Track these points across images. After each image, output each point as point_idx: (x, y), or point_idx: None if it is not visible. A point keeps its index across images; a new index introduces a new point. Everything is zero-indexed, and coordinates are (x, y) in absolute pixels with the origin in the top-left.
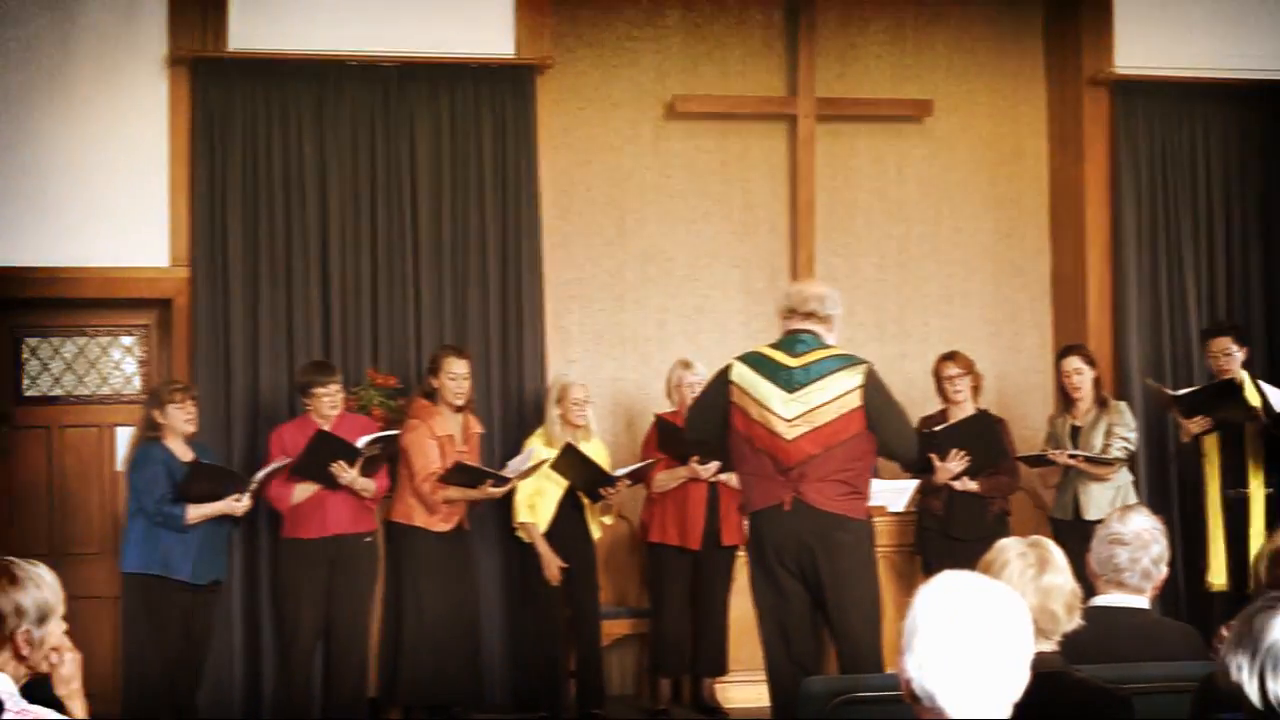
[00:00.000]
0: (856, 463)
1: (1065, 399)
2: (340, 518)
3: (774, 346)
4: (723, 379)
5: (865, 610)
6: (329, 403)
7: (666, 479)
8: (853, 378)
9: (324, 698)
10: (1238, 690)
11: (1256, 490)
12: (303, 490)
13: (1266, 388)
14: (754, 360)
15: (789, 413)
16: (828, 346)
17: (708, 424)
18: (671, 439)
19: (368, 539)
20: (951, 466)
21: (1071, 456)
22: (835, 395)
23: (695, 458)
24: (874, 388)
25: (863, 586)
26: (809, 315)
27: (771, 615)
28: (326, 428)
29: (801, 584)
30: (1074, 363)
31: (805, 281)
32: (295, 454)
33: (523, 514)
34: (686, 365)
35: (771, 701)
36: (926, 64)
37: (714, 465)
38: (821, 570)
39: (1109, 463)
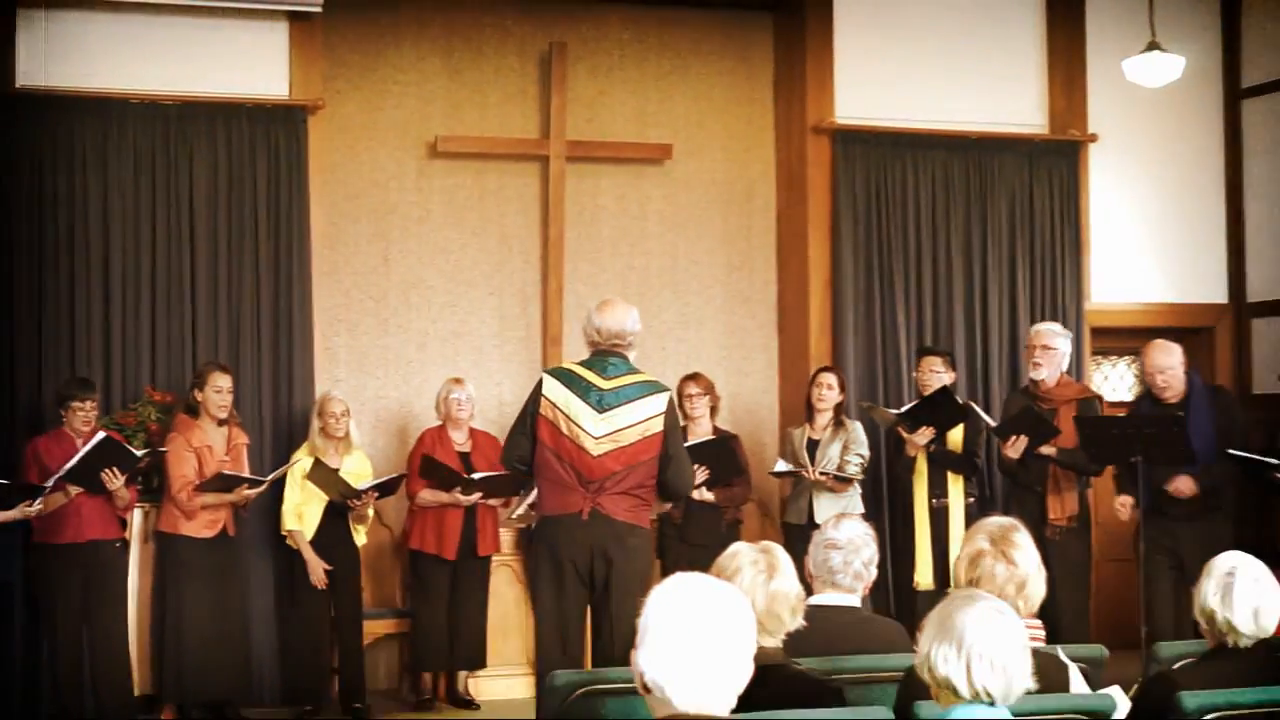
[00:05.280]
0: (650, 480)
1: (808, 411)
2: (94, 524)
3: (584, 365)
4: (535, 393)
5: (637, 609)
6: (83, 417)
7: (429, 498)
8: (658, 404)
9: (94, 695)
10: (943, 680)
11: (956, 500)
12: (50, 500)
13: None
14: (565, 376)
15: (598, 430)
16: (635, 371)
17: (525, 445)
18: (432, 472)
19: (118, 544)
20: None
21: (822, 474)
22: (641, 419)
23: (458, 489)
24: (673, 419)
25: (642, 587)
26: (616, 337)
27: (553, 615)
28: (79, 441)
29: (585, 587)
30: (828, 379)
31: (609, 306)
32: (51, 463)
33: (290, 522)
34: (457, 381)
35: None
36: (667, 112)
37: (475, 495)
38: (612, 573)
39: (849, 480)
